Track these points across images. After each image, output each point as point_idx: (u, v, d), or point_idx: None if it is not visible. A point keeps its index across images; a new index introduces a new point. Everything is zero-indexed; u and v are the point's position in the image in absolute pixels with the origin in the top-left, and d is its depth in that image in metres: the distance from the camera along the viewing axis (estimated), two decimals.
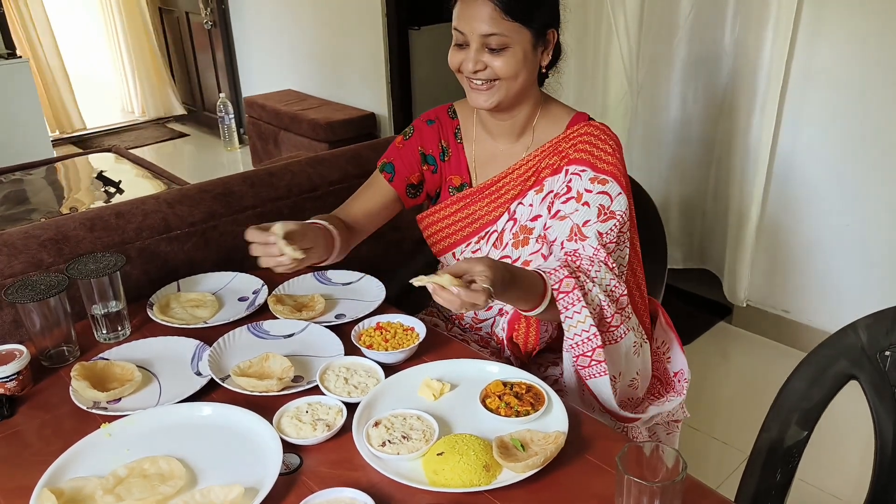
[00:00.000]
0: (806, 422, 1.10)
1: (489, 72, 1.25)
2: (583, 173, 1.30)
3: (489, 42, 1.23)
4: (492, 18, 1.21)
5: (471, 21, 1.23)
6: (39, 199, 3.09)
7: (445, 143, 1.45)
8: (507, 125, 1.38)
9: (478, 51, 1.24)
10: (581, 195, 1.29)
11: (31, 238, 1.44)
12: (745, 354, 2.70)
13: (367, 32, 3.82)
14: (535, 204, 1.36)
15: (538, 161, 1.35)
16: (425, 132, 1.46)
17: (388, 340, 1.24)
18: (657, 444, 0.85)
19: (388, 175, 1.45)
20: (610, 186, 1.29)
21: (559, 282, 1.19)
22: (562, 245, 1.30)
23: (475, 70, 1.25)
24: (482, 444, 0.98)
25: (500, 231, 1.40)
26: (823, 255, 2.51)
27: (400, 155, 1.46)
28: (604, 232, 1.27)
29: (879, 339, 1.05)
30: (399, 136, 1.48)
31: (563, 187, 1.32)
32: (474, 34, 1.23)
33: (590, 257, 1.26)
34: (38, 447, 1.06)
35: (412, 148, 1.46)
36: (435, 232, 1.47)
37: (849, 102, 2.30)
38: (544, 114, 1.38)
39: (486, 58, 1.24)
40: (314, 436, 1.03)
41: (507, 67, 1.24)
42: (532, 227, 1.37)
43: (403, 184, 1.46)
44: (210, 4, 4.88)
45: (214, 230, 1.66)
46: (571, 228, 1.28)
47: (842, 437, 2.07)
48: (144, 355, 1.26)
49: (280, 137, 4.18)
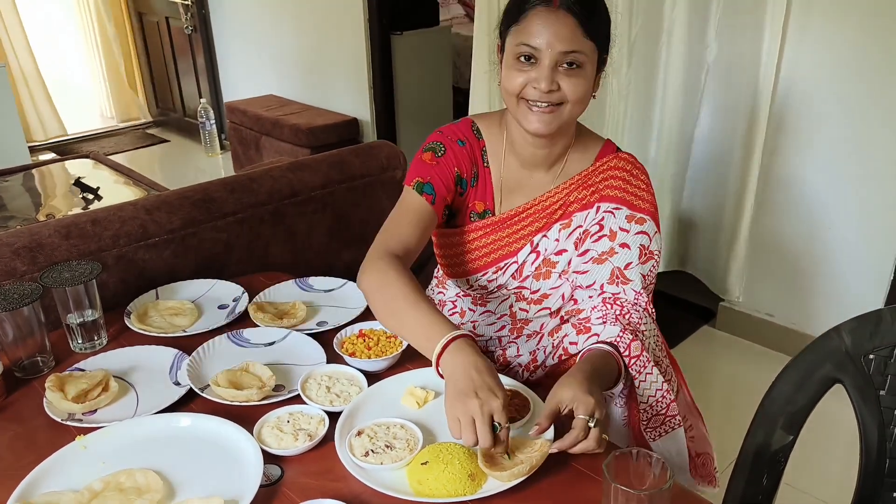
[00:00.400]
0: (791, 426, 1.09)
1: (559, 94, 1.15)
2: (617, 211, 1.25)
3: (565, 60, 1.13)
4: (574, 34, 1.12)
5: (548, 36, 1.12)
6: (16, 206, 3.03)
7: (476, 167, 1.32)
8: (542, 154, 1.27)
9: (552, 69, 1.13)
10: (616, 234, 1.25)
11: (4, 246, 1.41)
12: (729, 358, 2.70)
13: (350, 37, 3.81)
14: (562, 239, 1.30)
15: (566, 194, 1.29)
16: (459, 153, 1.30)
17: (371, 348, 1.22)
18: (644, 452, 0.84)
19: (429, 197, 1.27)
20: (648, 226, 1.26)
21: (627, 347, 1.14)
22: (601, 288, 1.25)
23: (549, 90, 1.14)
24: (467, 453, 0.97)
25: (520, 263, 1.32)
26: (808, 258, 2.52)
27: (437, 175, 1.28)
28: (645, 274, 1.25)
29: (863, 342, 1.05)
30: (426, 152, 1.30)
31: (595, 225, 1.27)
32: (552, 50, 1.12)
33: (632, 303, 1.23)
34: (10, 461, 1.03)
35: (448, 168, 1.29)
36: (450, 255, 1.38)
37: (834, 109, 2.32)
38: (577, 145, 1.30)
39: (558, 77, 1.14)
40: (295, 446, 1.01)
41: (579, 90, 1.15)
42: (556, 262, 1.30)
43: (443, 205, 1.30)
44: (190, 9, 4.84)
45: (194, 237, 1.64)
46: (612, 272, 1.24)
47: (827, 441, 2.07)
48: (122, 365, 1.24)
49: (262, 143, 4.15)
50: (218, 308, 1.44)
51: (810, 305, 2.56)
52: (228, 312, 1.41)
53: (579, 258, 1.29)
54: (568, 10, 1.12)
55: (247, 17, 4.56)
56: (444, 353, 1.02)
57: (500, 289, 1.36)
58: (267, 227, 1.78)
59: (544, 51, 1.12)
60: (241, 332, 1.32)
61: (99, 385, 1.15)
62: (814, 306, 2.55)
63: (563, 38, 1.12)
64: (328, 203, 1.90)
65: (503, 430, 0.95)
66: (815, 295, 2.54)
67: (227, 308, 1.43)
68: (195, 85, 5.19)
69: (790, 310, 2.62)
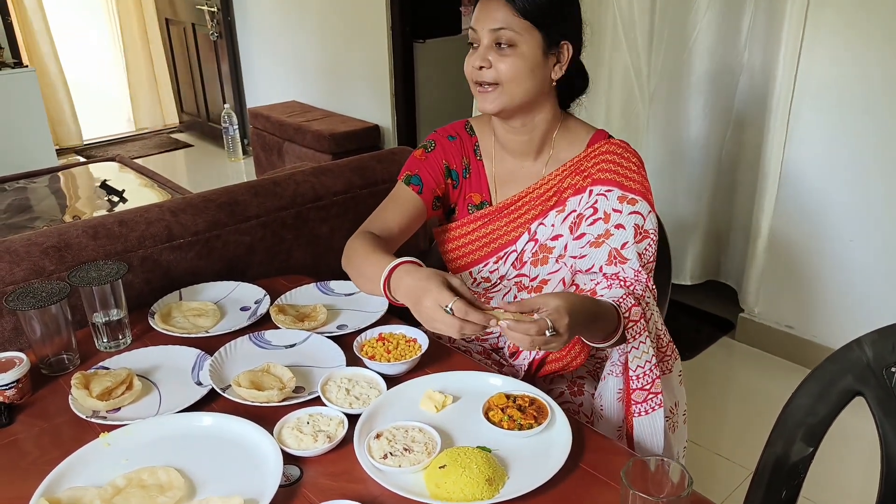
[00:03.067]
0: (811, 438, 1.08)
1: (493, 72, 1.24)
2: (609, 193, 1.28)
3: (499, 37, 1.22)
4: (505, 15, 1.21)
5: (484, 18, 1.23)
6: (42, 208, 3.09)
7: (467, 159, 1.42)
8: (523, 141, 1.35)
9: (486, 47, 1.24)
10: (609, 216, 1.27)
11: (34, 245, 1.44)
12: (748, 370, 2.68)
13: (372, 45, 3.84)
14: (557, 224, 1.34)
15: (559, 180, 1.34)
16: (448, 147, 1.42)
17: (391, 352, 1.23)
18: (662, 459, 0.84)
19: (416, 187, 1.39)
20: (640, 205, 1.27)
21: (628, 310, 1.17)
22: (601, 270, 1.27)
23: (480, 66, 1.24)
24: (485, 458, 0.97)
25: (519, 251, 1.37)
26: (828, 270, 2.50)
27: (424, 167, 1.40)
28: (642, 252, 1.26)
29: (885, 354, 1.04)
30: (418, 149, 1.43)
31: (589, 208, 1.30)
32: (485, 30, 1.23)
33: (634, 279, 1.24)
34: (35, 456, 1.05)
35: (436, 161, 1.41)
36: (452, 249, 1.43)
37: (855, 119, 2.30)
38: (563, 132, 1.36)
39: (492, 56, 1.23)
40: (315, 447, 1.02)
41: (511, 68, 1.23)
42: (552, 247, 1.34)
43: (431, 195, 1.40)
44: (216, 16, 4.91)
45: (218, 239, 1.66)
46: (610, 253, 1.26)
47: (848, 455, 2.05)
48: (145, 364, 1.26)
49: (284, 148, 4.19)
50: (240, 310, 1.46)
51: (830, 317, 2.53)
52: (250, 314, 1.43)
53: (575, 242, 1.32)
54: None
55: (271, 25, 4.62)
56: (390, 283, 1.18)
57: (501, 279, 1.40)
58: (289, 230, 1.80)
59: (480, 32, 1.24)
60: (262, 334, 1.34)
61: (123, 383, 1.17)
62: (834, 318, 2.52)
63: (493, 18, 1.22)
64: (350, 207, 1.92)
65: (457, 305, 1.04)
66: (835, 307, 2.51)
67: (249, 310, 1.45)
68: (219, 91, 5.25)
69: (810, 322, 2.59)
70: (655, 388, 1.19)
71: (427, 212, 1.41)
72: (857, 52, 2.24)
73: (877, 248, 2.36)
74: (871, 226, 2.35)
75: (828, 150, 2.39)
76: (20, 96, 4.18)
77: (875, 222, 2.34)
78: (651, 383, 1.19)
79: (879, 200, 2.31)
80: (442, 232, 1.45)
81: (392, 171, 2.00)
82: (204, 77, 5.42)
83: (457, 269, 1.45)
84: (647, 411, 1.20)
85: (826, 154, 2.40)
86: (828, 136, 2.38)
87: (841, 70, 2.29)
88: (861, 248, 2.39)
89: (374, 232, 1.35)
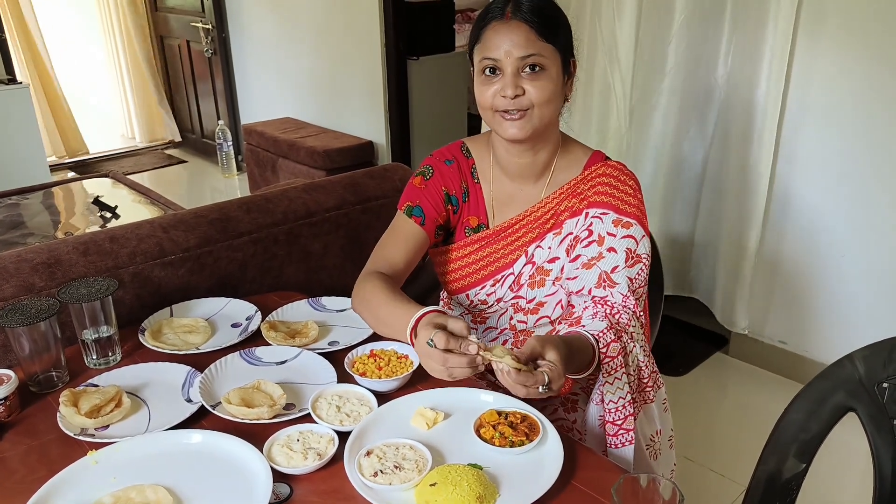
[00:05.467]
0: (804, 454, 1.08)
1: (525, 99, 1.21)
2: (604, 216, 1.28)
3: (527, 63, 1.20)
4: (528, 40, 1.19)
5: (506, 46, 1.20)
6: (35, 224, 3.07)
7: (465, 183, 1.40)
8: (527, 164, 1.33)
9: (514, 75, 1.20)
10: (603, 239, 1.27)
11: (24, 262, 1.44)
12: (741, 385, 2.68)
13: (366, 62, 3.86)
14: (553, 247, 1.33)
15: (556, 203, 1.33)
16: (446, 172, 1.39)
17: (382, 368, 1.23)
18: (653, 476, 0.84)
19: (417, 219, 1.37)
20: (634, 230, 1.27)
21: (606, 346, 1.17)
22: (590, 292, 1.27)
23: (514, 96, 1.20)
24: (476, 475, 0.96)
25: (517, 274, 1.36)
26: (820, 286, 2.51)
27: (425, 197, 1.38)
28: (633, 277, 1.25)
29: (877, 370, 1.04)
30: (416, 176, 1.40)
31: (584, 231, 1.30)
32: (511, 58, 1.19)
33: (621, 305, 1.23)
34: (23, 474, 1.04)
35: (436, 188, 1.38)
36: (449, 272, 1.42)
37: (846, 135, 2.32)
38: (563, 154, 1.35)
39: (522, 83, 1.21)
40: (305, 465, 1.01)
41: (544, 91, 1.21)
42: (549, 269, 1.34)
43: (433, 225, 1.38)
44: (211, 33, 4.93)
45: (209, 255, 1.65)
46: (600, 276, 1.26)
47: (841, 471, 2.04)
48: (134, 381, 1.25)
49: (278, 165, 4.19)
50: (231, 326, 1.45)
51: (823, 333, 2.54)
52: (241, 331, 1.42)
53: (571, 264, 1.31)
54: (521, 20, 1.20)
55: (266, 42, 4.64)
56: (416, 332, 1.12)
57: (498, 302, 1.39)
58: (282, 246, 1.79)
59: (504, 60, 1.20)
60: (253, 351, 1.33)
61: (112, 401, 1.16)
62: (827, 334, 2.53)
63: (519, 45, 1.19)
64: (342, 224, 1.91)
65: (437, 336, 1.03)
66: (828, 323, 2.52)
67: (240, 326, 1.45)
68: (213, 107, 5.27)
69: (803, 337, 2.60)
70: (627, 424, 1.18)
71: (430, 241, 1.40)
72: (847, 67, 2.26)
73: (869, 264, 2.37)
74: (864, 241, 2.36)
75: (819, 166, 2.40)
76: (14, 112, 4.18)
77: (868, 237, 2.35)
78: (623, 419, 1.18)
79: (871, 216, 2.32)
80: (438, 254, 1.44)
81: (385, 187, 2.00)
82: (198, 93, 5.44)
83: (453, 291, 1.44)
84: (616, 445, 1.20)
85: (818, 170, 2.41)
86: (818, 152, 2.40)
87: (832, 85, 2.31)
88: (853, 264, 2.40)
89: (382, 271, 1.32)
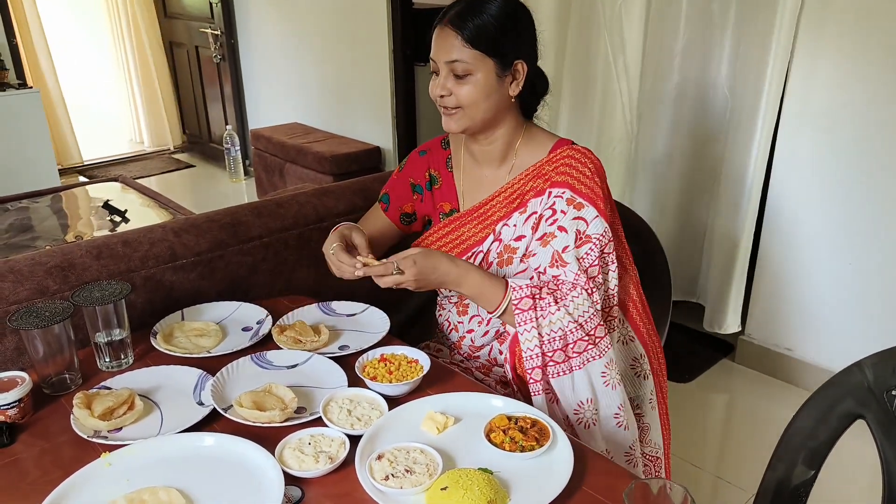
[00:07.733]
0: (812, 461, 1.08)
1: (454, 98, 1.34)
2: (563, 195, 1.36)
3: (454, 69, 1.32)
4: (454, 47, 1.31)
5: (439, 50, 1.33)
6: (44, 228, 3.09)
7: (436, 172, 1.54)
8: (489, 150, 1.44)
9: (445, 77, 1.34)
10: (559, 217, 1.34)
11: (38, 265, 1.45)
12: (748, 392, 2.67)
13: (374, 67, 3.88)
14: (519, 224, 1.42)
15: (522, 185, 1.42)
16: (416, 163, 1.57)
17: (392, 372, 1.24)
18: (664, 482, 0.84)
19: (383, 206, 1.58)
20: (585, 211, 1.34)
21: (519, 300, 1.29)
22: (545, 272, 1.34)
23: (441, 94, 1.35)
24: (486, 479, 0.97)
25: (485, 251, 1.45)
26: (826, 293, 2.50)
27: (394, 186, 1.58)
28: (581, 257, 1.32)
29: (886, 377, 1.05)
30: (397, 168, 1.59)
31: (548, 209, 1.37)
32: (441, 62, 1.33)
33: (572, 283, 1.30)
34: (36, 476, 1.05)
35: (404, 179, 1.57)
36: None
37: (843, 141, 2.33)
38: (527, 140, 1.44)
39: (450, 84, 1.33)
40: (316, 468, 1.02)
41: (469, 95, 1.33)
42: (516, 247, 1.42)
43: (398, 213, 1.58)
44: (219, 39, 4.96)
45: (221, 259, 1.66)
46: (553, 255, 1.33)
47: (849, 478, 2.04)
48: (147, 384, 1.26)
49: (285, 170, 4.21)
50: (242, 330, 1.46)
51: (830, 340, 2.53)
52: (252, 334, 1.43)
53: (536, 242, 1.38)
54: (451, 26, 1.32)
55: (273, 47, 4.66)
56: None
57: None
58: (292, 251, 1.80)
59: (438, 63, 1.35)
60: (264, 354, 1.34)
61: (124, 403, 1.17)
62: (834, 341, 2.52)
63: (445, 50, 1.33)
64: None
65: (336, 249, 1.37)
66: (835, 330, 2.52)
67: (251, 330, 1.46)
68: (222, 112, 5.29)
69: (810, 344, 2.59)
70: (535, 375, 1.29)
71: (399, 228, 1.60)
72: (845, 74, 2.27)
73: (877, 271, 2.37)
74: (871, 248, 2.36)
75: (822, 172, 2.41)
76: (24, 117, 4.21)
77: (875, 244, 2.35)
78: (532, 370, 1.29)
79: (878, 222, 2.32)
80: (419, 243, 1.55)
81: None
82: (206, 98, 5.47)
83: None
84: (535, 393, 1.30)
85: (820, 176, 2.41)
86: (819, 159, 2.40)
87: (827, 94, 2.32)
88: (860, 271, 2.40)
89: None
